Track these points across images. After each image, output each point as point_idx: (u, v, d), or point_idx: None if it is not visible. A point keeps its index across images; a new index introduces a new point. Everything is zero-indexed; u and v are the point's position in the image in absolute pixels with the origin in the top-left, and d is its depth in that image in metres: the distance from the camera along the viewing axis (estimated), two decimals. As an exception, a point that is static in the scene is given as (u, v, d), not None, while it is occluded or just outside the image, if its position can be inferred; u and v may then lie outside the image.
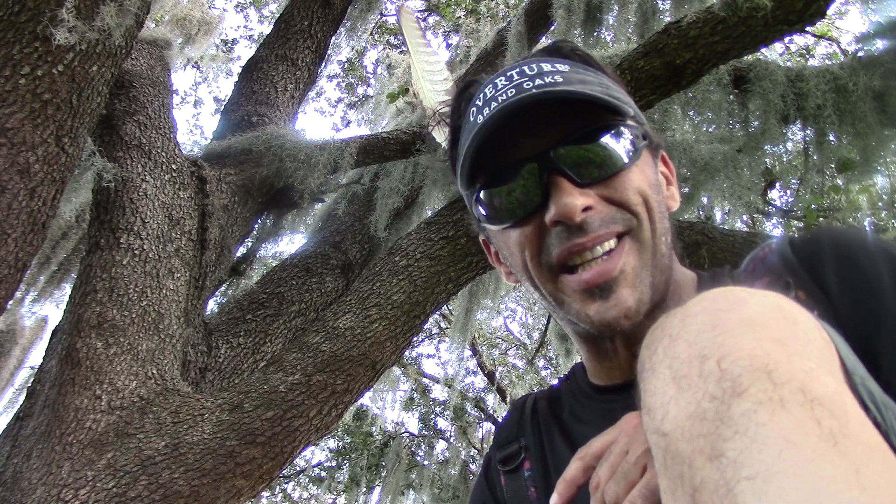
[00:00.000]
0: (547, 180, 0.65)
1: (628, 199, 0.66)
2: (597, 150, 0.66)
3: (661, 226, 0.67)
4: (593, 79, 0.70)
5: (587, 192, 0.65)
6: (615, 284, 0.64)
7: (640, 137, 0.70)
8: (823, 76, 3.02)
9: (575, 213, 0.63)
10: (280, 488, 10.47)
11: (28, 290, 4.43)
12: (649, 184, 0.68)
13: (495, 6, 7.45)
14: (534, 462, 0.78)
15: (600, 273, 0.64)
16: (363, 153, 3.41)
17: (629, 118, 0.69)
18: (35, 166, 2.28)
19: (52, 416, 2.39)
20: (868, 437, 0.35)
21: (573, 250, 0.65)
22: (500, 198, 0.69)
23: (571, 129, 0.66)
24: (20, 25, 2.23)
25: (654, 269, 0.66)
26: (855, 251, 0.61)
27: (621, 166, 0.66)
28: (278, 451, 2.58)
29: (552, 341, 5.34)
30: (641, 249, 0.65)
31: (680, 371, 0.40)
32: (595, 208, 0.65)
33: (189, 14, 4.94)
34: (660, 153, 0.75)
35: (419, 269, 2.96)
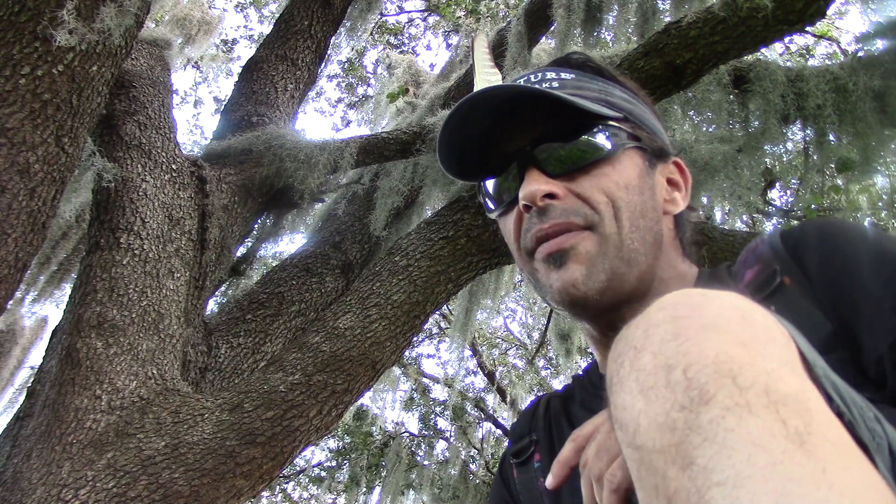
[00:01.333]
0: (523, 172, 0.73)
1: (592, 195, 0.71)
2: (568, 147, 0.73)
3: (629, 224, 0.71)
4: (593, 87, 0.77)
5: (554, 182, 0.72)
6: (566, 257, 0.70)
7: (624, 138, 0.75)
8: (823, 76, 3.02)
9: (536, 196, 0.71)
10: (280, 488, 10.47)
11: (28, 290, 4.43)
12: (626, 184, 0.73)
13: (495, 6, 7.45)
14: (543, 454, 0.83)
15: (555, 243, 0.70)
16: (363, 153, 3.41)
17: (615, 121, 0.74)
18: (35, 166, 2.28)
19: (52, 416, 2.39)
20: (833, 433, 0.36)
21: (538, 235, 0.72)
22: (494, 188, 0.78)
23: (552, 128, 0.74)
24: (20, 25, 2.23)
25: (616, 261, 0.70)
26: (836, 236, 0.65)
27: (588, 161, 0.72)
28: (278, 451, 2.58)
29: (552, 341, 5.34)
30: (602, 241, 0.70)
31: (647, 383, 0.41)
32: (560, 198, 0.71)
33: (189, 14, 4.94)
34: (668, 159, 0.81)
35: (419, 269, 2.96)
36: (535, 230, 0.72)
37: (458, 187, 3.22)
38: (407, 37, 8.93)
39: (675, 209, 0.79)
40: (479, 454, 9.79)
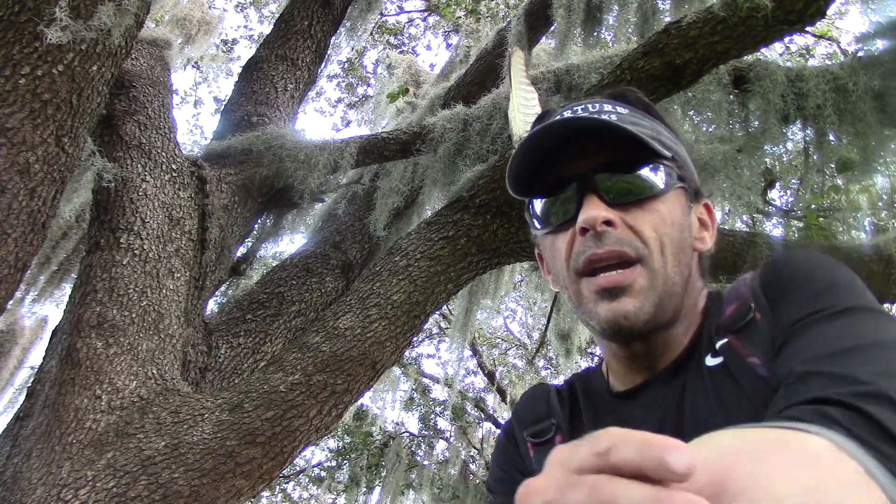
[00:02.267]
0: (583, 196, 0.77)
1: (643, 229, 0.76)
2: (628, 179, 0.78)
3: (674, 259, 0.78)
4: (646, 124, 0.83)
5: (612, 211, 0.76)
6: (621, 292, 0.75)
7: (675, 178, 0.81)
8: (823, 76, 3.02)
9: (596, 221, 0.75)
10: (280, 488, 10.47)
11: (28, 290, 4.43)
12: (672, 221, 0.79)
13: (495, 6, 7.45)
14: (566, 437, 0.86)
15: (612, 280, 0.75)
16: (363, 153, 3.41)
17: (668, 161, 0.80)
18: (35, 166, 2.28)
19: (52, 416, 2.39)
20: None
21: (592, 258, 0.76)
22: (547, 208, 0.83)
23: (613, 158, 0.78)
24: (20, 25, 2.23)
25: (662, 293, 0.76)
26: (788, 266, 0.76)
27: (645, 196, 0.78)
28: (278, 451, 2.59)
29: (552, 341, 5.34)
30: (652, 275, 0.76)
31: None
32: (615, 225, 0.76)
33: (189, 14, 4.94)
34: (702, 200, 0.88)
35: (419, 269, 2.96)
36: (589, 253, 0.76)
37: (458, 187, 3.22)
38: (407, 37, 8.93)
39: (704, 247, 0.85)
40: (479, 454, 9.79)
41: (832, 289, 0.71)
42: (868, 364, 0.59)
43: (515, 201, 3.03)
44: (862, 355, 0.61)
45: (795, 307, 0.70)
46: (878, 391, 0.55)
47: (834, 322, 0.67)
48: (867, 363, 0.59)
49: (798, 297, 0.71)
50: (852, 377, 0.58)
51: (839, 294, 0.70)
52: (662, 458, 0.33)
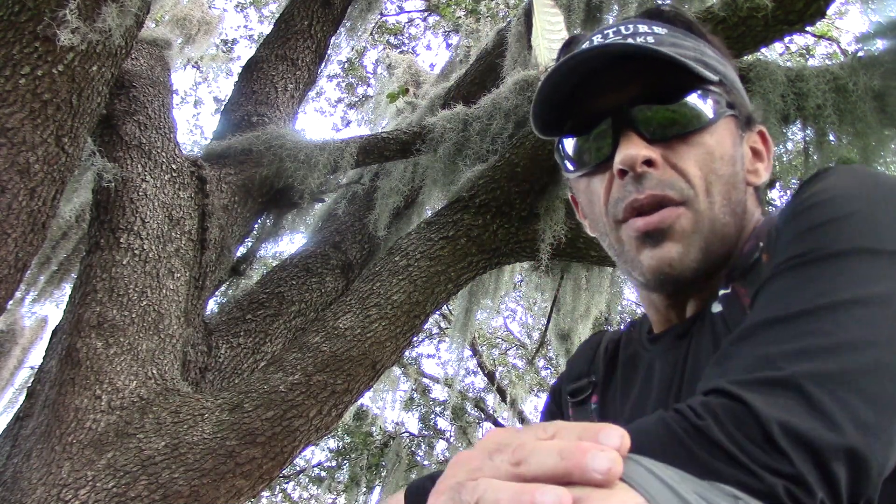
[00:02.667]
0: (619, 133, 0.68)
1: (688, 168, 0.68)
2: (669, 110, 0.68)
3: (722, 198, 0.68)
4: (689, 44, 0.72)
5: (653, 148, 0.67)
6: (663, 236, 0.67)
7: (724, 105, 0.71)
8: (823, 76, 3.02)
9: (636, 162, 0.66)
10: (280, 488, 10.47)
11: (28, 290, 4.43)
12: (721, 155, 0.69)
13: (495, 6, 7.45)
14: (601, 397, 0.83)
15: (652, 223, 0.67)
16: (363, 153, 3.41)
17: (714, 85, 0.70)
18: (35, 166, 2.28)
19: (52, 416, 2.39)
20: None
21: (633, 205, 0.68)
22: (579, 147, 0.73)
23: (651, 87, 0.69)
24: (20, 25, 2.23)
25: (710, 236, 0.68)
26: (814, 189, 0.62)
27: (691, 129, 0.68)
28: (278, 451, 2.59)
29: (552, 341, 5.34)
30: (698, 218, 0.67)
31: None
32: (657, 165, 0.67)
33: (189, 14, 4.94)
34: (755, 127, 0.77)
35: (419, 269, 2.96)
36: (630, 200, 0.68)
37: (458, 187, 3.22)
38: (407, 37, 8.93)
39: (758, 181, 0.75)
40: (479, 454, 9.77)
41: (836, 223, 0.57)
42: (810, 335, 0.49)
43: (515, 201, 3.04)
44: (811, 322, 0.50)
45: (781, 247, 0.60)
46: (786, 378, 0.46)
47: (807, 271, 0.55)
48: (808, 334, 0.49)
49: (790, 234, 0.60)
50: (767, 359, 0.49)
51: (841, 230, 0.56)
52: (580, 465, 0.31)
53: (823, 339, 0.48)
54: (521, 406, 9.37)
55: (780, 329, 0.51)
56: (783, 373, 0.47)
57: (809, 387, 0.46)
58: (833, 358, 0.47)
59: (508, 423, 9.39)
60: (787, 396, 0.46)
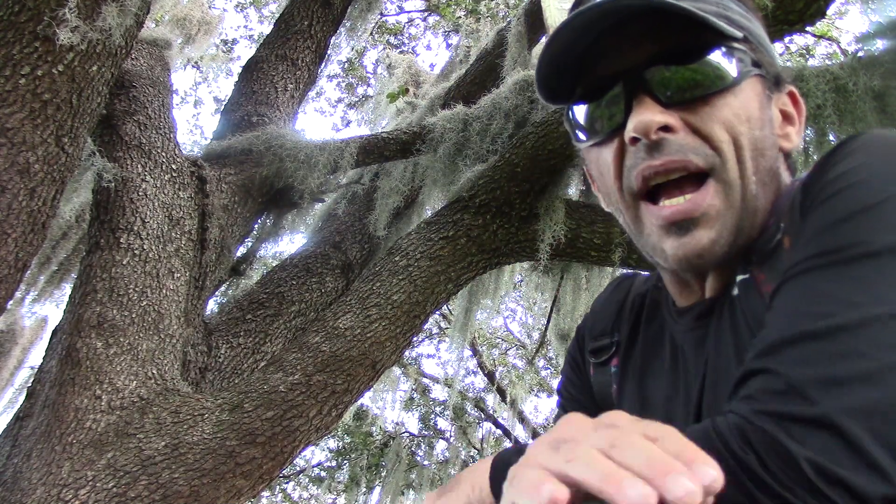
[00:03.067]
0: (632, 97, 0.62)
1: (713, 131, 0.60)
2: (688, 70, 0.61)
3: (752, 164, 0.62)
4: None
5: (670, 113, 0.61)
6: (693, 225, 0.60)
7: (749, 64, 0.64)
8: (823, 76, 3.02)
9: (650, 128, 0.60)
10: (280, 488, 10.47)
11: (28, 290, 4.43)
12: (748, 117, 0.62)
13: (495, 6, 7.45)
14: (623, 360, 0.78)
15: (681, 211, 0.61)
16: (363, 153, 3.41)
17: (738, 42, 0.63)
18: (35, 166, 2.28)
19: (52, 416, 2.39)
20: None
21: (646, 173, 0.61)
22: (590, 114, 0.67)
23: (668, 46, 0.62)
24: (20, 25, 2.23)
25: (741, 212, 0.61)
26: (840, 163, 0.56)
27: (714, 90, 0.61)
28: (278, 451, 2.59)
29: (552, 341, 5.34)
30: (728, 191, 0.61)
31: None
32: (676, 131, 0.61)
33: (189, 14, 4.94)
34: (785, 87, 0.70)
35: (419, 269, 2.96)
36: (643, 166, 0.61)
37: (458, 187, 3.22)
38: (407, 37, 8.93)
39: (790, 145, 0.68)
40: (479, 454, 9.79)
41: (870, 213, 0.50)
42: (844, 359, 0.44)
43: (515, 201, 3.04)
44: (844, 341, 0.45)
45: (808, 237, 0.53)
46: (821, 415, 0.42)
47: (838, 275, 0.49)
48: (842, 357, 0.44)
49: (817, 223, 0.53)
50: (799, 387, 0.44)
51: (876, 223, 0.49)
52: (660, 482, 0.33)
53: (859, 364, 0.44)
54: (521, 406, 9.37)
55: (810, 348, 0.46)
56: (817, 409, 0.43)
57: (847, 424, 0.42)
58: (870, 388, 0.43)
59: (508, 423, 9.39)
60: (825, 437, 0.42)
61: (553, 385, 10.34)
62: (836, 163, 0.56)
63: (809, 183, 0.58)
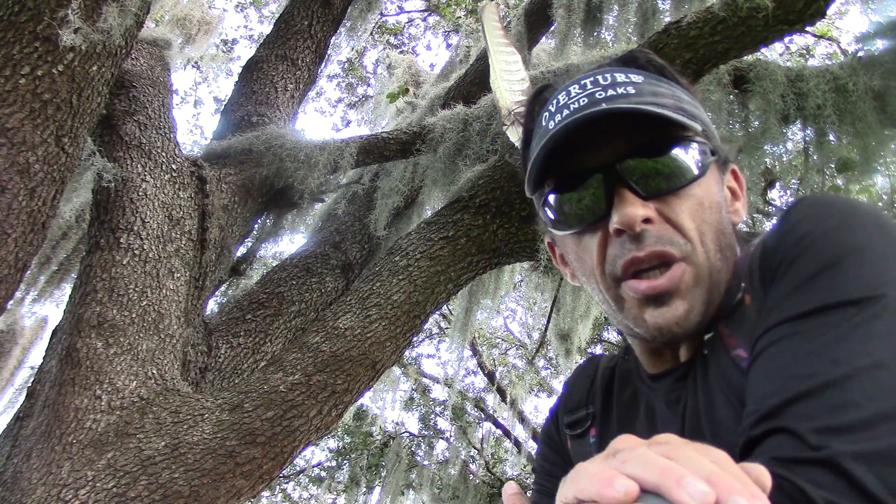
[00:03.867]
0: (612, 190, 0.68)
1: (683, 221, 0.67)
2: (661, 164, 0.68)
3: (715, 245, 0.68)
4: (666, 91, 0.73)
5: (648, 206, 0.67)
6: (668, 297, 0.66)
7: (708, 154, 0.71)
8: (823, 76, 3.02)
9: (635, 222, 0.66)
10: (280, 488, 10.47)
11: (28, 290, 4.42)
12: (710, 204, 0.69)
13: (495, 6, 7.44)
14: (600, 430, 0.83)
15: (658, 288, 0.66)
16: (363, 153, 3.41)
17: (698, 134, 0.70)
18: (35, 166, 2.28)
19: (52, 416, 2.39)
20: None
21: (632, 262, 0.67)
22: (568, 204, 0.72)
23: (639, 142, 0.68)
24: (20, 25, 2.23)
25: (709, 286, 0.67)
26: (796, 224, 0.62)
27: (684, 182, 0.68)
28: (278, 451, 2.58)
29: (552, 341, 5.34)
30: (697, 271, 0.67)
31: None
32: (654, 223, 0.67)
33: (189, 14, 4.94)
34: (729, 167, 0.77)
35: (419, 269, 2.96)
36: (629, 258, 0.67)
37: (458, 187, 3.21)
38: (407, 37, 8.93)
39: (739, 220, 0.76)
40: (479, 454, 9.79)
41: (832, 268, 0.56)
42: (841, 411, 0.48)
43: (515, 201, 3.03)
44: (838, 394, 0.49)
45: (781, 299, 0.58)
46: (825, 458, 0.46)
47: (819, 332, 0.53)
48: (839, 410, 0.48)
49: (787, 282, 0.59)
50: (801, 436, 0.48)
51: (840, 276, 0.55)
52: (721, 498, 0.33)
53: (853, 414, 0.48)
54: (521, 406, 9.37)
55: (808, 405, 0.50)
56: (824, 454, 0.47)
57: (850, 466, 0.46)
58: (868, 433, 0.47)
59: (508, 423, 9.39)
60: (833, 478, 0.46)
61: (553, 385, 10.34)
62: (790, 228, 0.62)
63: (769, 247, 0.64)
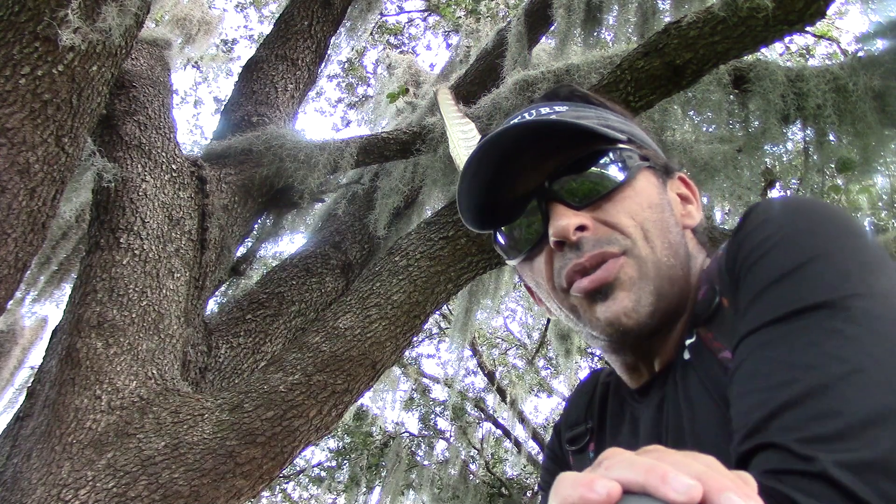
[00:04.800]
0: (546, 209, 0.71)
1: (620, 221, 0.70)
2: (587, 175, 0.71)
3: (660, 241, 0.70)
4: (590, 114, 0.77)
5: (581, 214, 0.70)
6: (611, 289, 0.68)
7: (636, 159, 0.74)
8: (823, 76, 3.02)
9: (569, 231, 0.68)
10: (280, 488, 10.48)
11: (28, 290, 4.43)
12: (649, 204, 0.72)
13: (495, 6, 7.45)
14: (597, 444, 0.84)
15: (597, 279, 0.68)
16: (363, 153, 3.41)
17: (623, 143, 0.73)
18: (35, 166, 2.28)
19: (52, 416, 2.39)
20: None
21: (575, 269, 0.69)
22: (511, 233, 0.75)
23: (565, 160, 0.72)
24: (20, 25, 2.23)
25: (659, 281, 0.68)
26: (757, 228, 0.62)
27: (611, 188, 0.71)
28: (278, 451, 2.59)
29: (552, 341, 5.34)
30: (641, 264, 0.68)
31: None
32: (590, 228, 0.69)
33: (189, 14, 4.94)
34: (674, 175, 0.80)
35: (419, 269, 2.96)
36: (571, 266, 0.69)
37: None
38: (407, 37, 8.93)
39: (693, 222, 0.78)
40: (479, 454, 9.80)
41: (798, 271, 0.56)
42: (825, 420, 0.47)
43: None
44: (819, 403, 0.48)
45: (748, 305, 0.58)
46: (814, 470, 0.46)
47: (785, 339, 0.53)
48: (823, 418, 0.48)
49: (752, 286, 0.59)
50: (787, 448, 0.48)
51: (807, 279, 0.55)
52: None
53: (836, 423, 0.47)
54: (521, 406, 9.37)
55: (790, 416, 0.49)
56: (815, 466, 0.46)
57: (839, 476, 0.45)
58: (854, 441, 0.47)
59: (508, 423, 9.39)
60: (825, 489, 0.45)
61: (553, 385, 10.34)
62: (753, 230, 0.62)
63: (732, 250, 0.64)
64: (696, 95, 3.31)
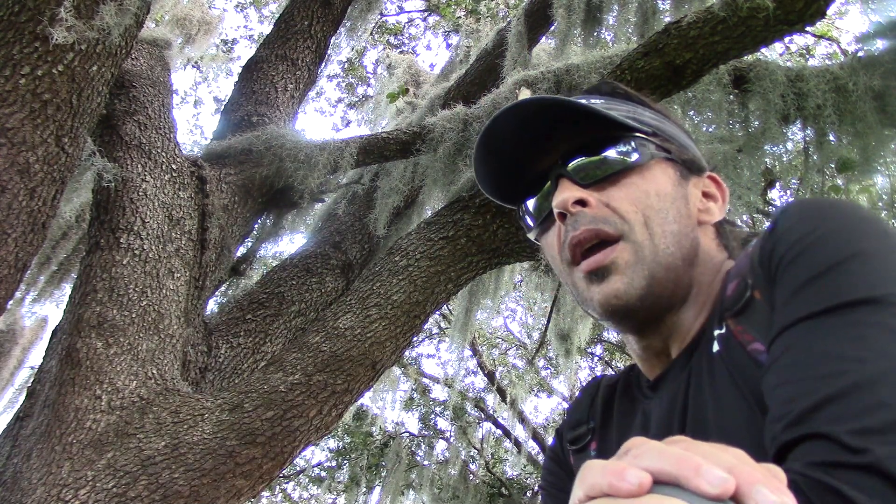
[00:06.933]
0: (556, 184, 0.76)
1: (621, 205, 0.73)
2: (597, 157, 0.76)
3: (664, 230, 0.73)
4: (624, 107, 0.80)
5: (584, 191, 0.74)
6: (607, 272, 0.72)
7: (653, 150, 0.77)
8: (823, 76, 3.02)
9: (567, 203, 0.73)
10: (280, 488, 10.48)
11: (28, 290, 4.43)
12: (656, 193, 0.74)
13: (495, 6, 7.45)
14: (600, 443, 0.85)
15: (595, 262, 0.72)
16: (363, 153, 3.41)
17: (643, 133, 0.77)
18: (35, 166, 2.28)
19: (52, 416, 2.39)
20: None
21: (572, 242, 0.73)
22: (533, 206, 0.81)
23: (584, 143, 0.76)
24: (20, 25, 2.23)
25: (653, 267, 0.71)
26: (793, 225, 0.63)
27: (615, 171, 0.75)
28: (278, 451, 2.58)
29: (552, 341, 5.34)
30: (638, 249, 0.72)
31: None
32: (591, 205, 0.73)
33: (189, 14, 4.94)
34: (703, 173, 0.82)
35: (419, 268, 2.96)
36: (568, 238, 0.73)
37: (458, 187, 3.21)
38: (407, 37, 8.93)
39: (711, 219, 0.79)
40: (479, 454, 9.80)
41: (841, 266, 0.56)
42: (873, 412, 0.47)
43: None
44: (867, 396, 0.48)
45: (788, 298, 0.58)
46: (867, 462, 0.45)
47: (831, 332, 0.53)
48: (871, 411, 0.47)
49: (792, 280, 0.59)
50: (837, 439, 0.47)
51: (851, 274, 0.55)
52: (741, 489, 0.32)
53: (892, 415, 0.47)
54: (521, 406, 9.37)
55: (837, 408, 0.49)
56: (865, 458, 0.45)
57: (891, 468, 0.45)
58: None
59: (508, 423, 9.39)
60: (877, 482, 0.45)
61: (553, 385, 10.34)
62: (792, 226, 0.63)
63: (767, 245, 0.64)
64: (696, 95, 3.31)
